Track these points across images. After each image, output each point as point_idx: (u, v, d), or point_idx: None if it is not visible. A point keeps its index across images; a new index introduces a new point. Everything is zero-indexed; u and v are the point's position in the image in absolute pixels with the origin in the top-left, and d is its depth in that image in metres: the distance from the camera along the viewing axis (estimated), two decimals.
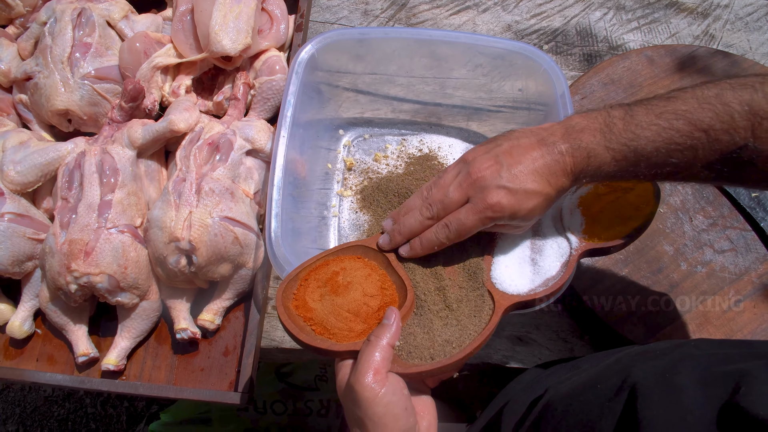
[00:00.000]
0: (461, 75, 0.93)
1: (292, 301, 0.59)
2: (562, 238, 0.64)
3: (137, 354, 0.81)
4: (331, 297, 0.59)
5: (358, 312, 0.58)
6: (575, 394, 0.54)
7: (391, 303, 0.60)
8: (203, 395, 0.74)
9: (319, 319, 0.58)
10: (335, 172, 0.95)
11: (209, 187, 0.76)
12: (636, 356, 0.55)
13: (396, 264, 0.63)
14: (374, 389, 0.50)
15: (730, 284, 0.85)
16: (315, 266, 0.62)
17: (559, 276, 0.61)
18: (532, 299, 0.60)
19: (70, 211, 0.77)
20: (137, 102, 0.86)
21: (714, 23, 1.12)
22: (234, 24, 0.86)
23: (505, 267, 0.63)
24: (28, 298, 0.80)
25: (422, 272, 0.63)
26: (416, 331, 0.58)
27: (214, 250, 0.74)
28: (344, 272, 0.61)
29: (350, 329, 0.57)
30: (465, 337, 0.58)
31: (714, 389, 0.43)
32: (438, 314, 0.60)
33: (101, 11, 0.90)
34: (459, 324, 0.59)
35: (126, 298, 0.76)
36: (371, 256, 0.64)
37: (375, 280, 0.61)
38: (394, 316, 0.55)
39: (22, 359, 0.81)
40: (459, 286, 0.62)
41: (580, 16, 1.12)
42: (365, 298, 0.59)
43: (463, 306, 0.61)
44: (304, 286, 0.60)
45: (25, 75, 0.88)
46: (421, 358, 0.56)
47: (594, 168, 0.56)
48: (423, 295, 0.61)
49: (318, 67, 0.87)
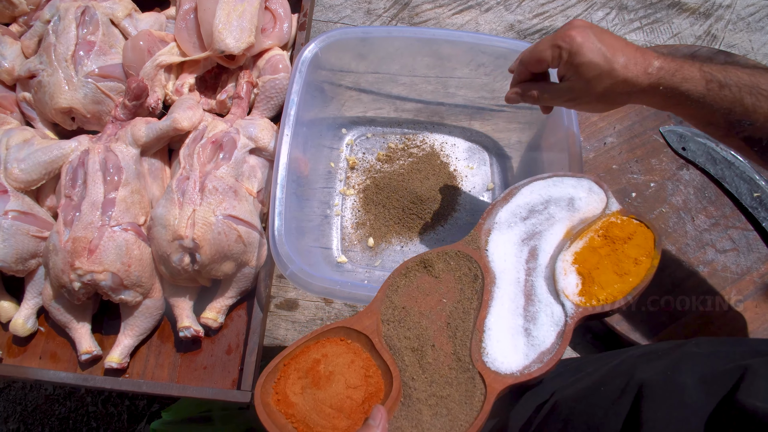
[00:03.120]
0: (464, 74, 0.93)
1: (272, 395, 0.56)
2: (557, 303, 0.59)
3: (140, 352, 0.81)
4: (312, 390, 0.56)
5: (341, 407, 0.55)
6: (580, 397, 0.54)
7: (377, 393, 0.57)
8: (206, 393, 0.74)
9: (300, 416, 0.55)
10: (338, 171, 0.96)
11: (213, 185, 0.76)
12: (639, 357, 0.55)
13: (380, 347, 0.59)
14: None
15: (732, 284, 0.85)
16: (295, 354, 0.59)
17: (554, 350, 0.57)
18: (526, 380, 0.56)
19: (74, 209, 0.77)
20: (141, 100, 0.86)
21: (716, 23, 1.12)
22: (237, 23, 0.86)
23: (497, 342, 0.59)
24: (31, 295, 0.80)
25: (409, 354, 0.59)
26: (404, 425, 0.55)
27: (217, 248, 0.75)
28: (326, 359, 0.58)
29: (334, 426, 0.54)
30: (456, 428, 0.54)
31: (715, 387, 0.43)
32: (426, 402, 0.56)
33: (105, 9, 0.90)
34: (450, 414, 0.55)
35: (129, 296, 0.76)
36: (354, 338, 0.60)
37: (358, 367, 0.57)
38: (380, 416, 0.52)
39: (25, 357, 0.81)
40: (449, 367, 0.58)
41: (582, 15, 1.12)
42: (348, 390, 0.56)
43: (454, 391, 0.57)
44: (284, 377, 0.57)
45: (29, 73, 0.88)
46: None
47: (680, 78, 0.59)
48: (410, 381, 0.57)
49: (321, 66, 0.87)
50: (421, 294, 0.63)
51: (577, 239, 0.63)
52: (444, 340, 0.60)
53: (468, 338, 0.59)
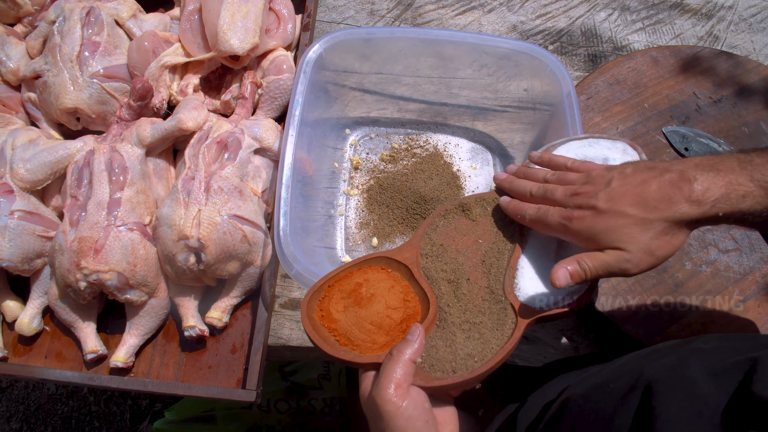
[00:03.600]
0: (467, 75, 0.93)
1: (317, 311, 0.60)
2: None
3: (145, 351, 0.82)
4: (354, 309, 0.59)
5: (381, 324, 0.58)
6: (588, 394, 0.55)
7: (414, 315, 0.60)
8: (211, 392, 0.74)
9: (343, 331, 0.58)
10: (342, 171, 0.96)
11: (218, 185, 0.77)
12: (646, 356, 0.56)
13: (419, 276, 0.63)
14: (396, 403, 0.50)
15: (735, 284, 0.86)
16: (339, 277, 0.63)
17: (582, 289, 0.60)
18: (555, 313, 0.59)
19: (80, 209, 0.77)
20: (146, 101, 0.86)
21: (718, 24, 1.12)
22: (242, 23, 0.86)
23: (529, 279, 0.61)
24: (37, 295, 0.81)
25: (446, 284, 0.63)
26: (439, 345, 0.58)
27: (222, 248, 0.75)
28: (368, 283, 0.61)
29: (373, 341, 0.58)
30: (487, 351, 0.57)
31: (725, 379, 0.44)
32: (460, 327, 0.60)
33: (110, 10, 0.90)
34: (481, 338, 0.59)
35: (135, 295, 0.76)
36: (394, 268, 0.64)
37: (398, 292, 0.61)
38: (418, 332, 0.55)
39: (31, 356, 0.81)
40: (482, 299, 0.62)
41: (585, 16, 1.12)
42: (388, 310, 0.59)
43: (486, 319, 0.60)
44: (328, 297, 0.61)
45: (34, 73, 0.89)
46: (443, 372, 0.56)
47: (736, 200, 0.50)
48: (446, 308, 0.61)
49: (325, 67, 0.88)
50: (458, 234, 0.67)
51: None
52: (478, 275, 0.63)
53: (501, 274, 0.63)
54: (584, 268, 0.55)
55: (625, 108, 0.98)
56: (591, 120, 0.99)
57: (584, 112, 0.97)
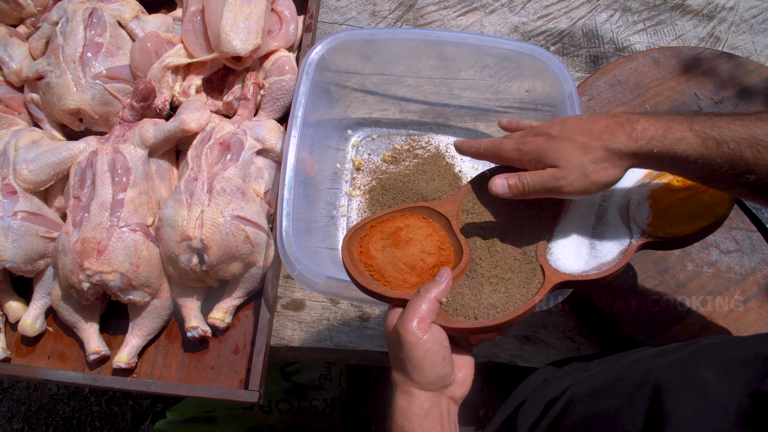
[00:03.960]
0: (469, 76, 0.94)
1: (357, 247, 0.64)
2: (624, 227, 0.64)
3: (148, 352, 0.82)
4: (391, 249, 0.63)
5: (414, 266, 0.62)
6: (594, 392, 0.55)
7: (446, 263, 0.63)
8: (214, 393, 0.74)
9: (378, 267, 0.62)
10: (344, 172, 0.96)
11: (221, 186, 0.77)
12: (654, 356, 0.56)
13: (457, 228, 0.66)
14: (417, 335, 0.53)
15: (736, 284, 0.86)
16: (382, 219, 0.66)
17: (614, 263, 0.62)
18: (582, 280, 0.61)
19: (83, 210, 0.77)
20: (148, 102, 0.87)
21: (719, 25, 1.13)
22: (244, 24, 0.86)
23: (562, 246, 0.64)
24: (39, 296, 0.81)
25: (481, 240, 0.66)
26: (465, 292, 0.61)
27: (225, 249, 0.75)
28: (408, 229, 0.65)
29: (405, 280, 0.61)
30: (510, 305, 0.60)
31: (736, 376, 0.44)
32: (489, 280, 0.62)
33: (112, 11, 0.91)
34: (507, 292, 0.61)
35: (138, 296, 0.77)
36: (435, 219, 0.67)
37: (434, 240, 0.64)
38: (447, 275, 0.58)
39: (34, 357, 0.81)
40: (514, 258, 0.65)
41: (586, 17, 1.12)
42: (423, 254, 0.62)
43: (515, 276, 0.63)
44: (369, 235, 0.65)
45: (37, 74, 0.89)
46: (465, 317, 0.59)
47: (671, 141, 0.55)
48: (478, 260, 0.64)
49: (327, 68, 0.88)
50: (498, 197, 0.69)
51: (657, 179, 0.66)
52: (514, 237, 0.66)
53: (536, 239, 0.66)
54: (523, 182, 0.60)
55: (626, 109, 0.98)
56: None
57: (586, 113, 0.97)
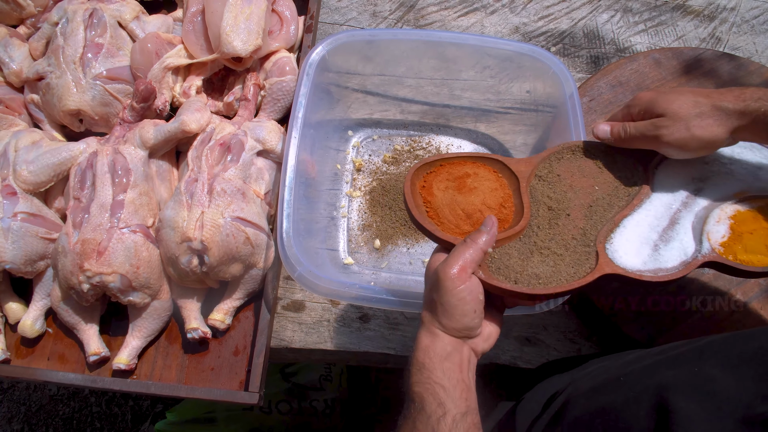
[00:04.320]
0: (469, 76, 0.93)
1: (420, 181, 0.64)
2: (695, 240, 0.62)
3: (148, 353, 0.82)
4: (453, 192, 0.63)
5: (471, 215, 0.62)
6: (597, 387, 0.55)
7: (504, 221, 0.63)
8: (214, 394, 0.74)
9: (435, 206, 0.63)
10: (344, 173, 0.96)
11: (221, 187, 0.77)
12: (659, 353, 0.56)
13: (524, 190, 0.65)
14: (455, 282, 0.54)
15: (737, 285, 0.86)
16: (452, 161, 0.66)
17: (671, 271, 0.60)
18: (633, 278, 0.59)
19: (83, 211, 0.77)
20: (149, 102, 0.86)
21: (720, 26, 1.12)
22: (245, 25, 0.86)
23: (625, 240, 0.63)
24: (39, 297, 0.81)
25: (545, 209, 0.65)
26: (513, 254, 0.61)
27: (225, 250, 0.75)
28: (475, 177, 0.65)
29: (458, 226, 0.62)
30: (554, 280, 0.59)
31: (744, 371, 0.44)
32: (540, 250, 0.62)
33: (112, 12, 0.90)
34: (555, 267, 0.61)
35: (138, 297, 0.76)
36: (506, 176, 0.67)
37: (498, 196, 0.64)
38: (492, 223, 0.58)
39: (34, 358, 0.81)
40: (573, 237, 0.64)
41: (587, 18, 1.12)
42: (483, 206, 0.63)
43: (567, 255, 0.62)
44: (436, 173, 0.65)
45: (37, 75, 0.89)
46: (506, 278, 0.59)
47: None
48: (536, 228, 0.64)
49: (328, 69, 0.88)
50: (579, 173, 0.69)
51: (746, 202, 0.65)
52: (579, 216, 0.65)
53: (602, 224, 0.64)
54: (625, 129, 0.64)
55: None
56: (593, 122, 0.99)
57: (587, 114, 0.97)
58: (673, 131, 0.60)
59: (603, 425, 0.52)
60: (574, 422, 0.55)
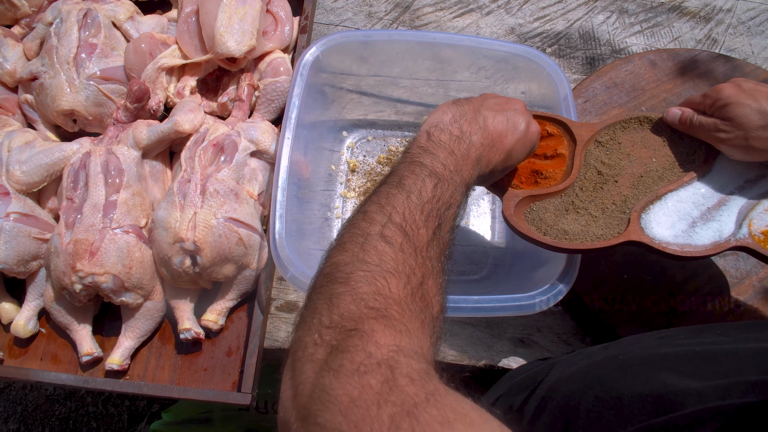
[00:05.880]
0: (464, 77, 0.93)
1: None
2: (735, 222, 0.63)
3: (141, 354, 0.81)
4: None
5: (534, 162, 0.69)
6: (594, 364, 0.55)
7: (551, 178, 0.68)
8: (207, 395, 0.74)
9: None
10: (338, 174, 0.96)
11: (214, 188, 0.76)
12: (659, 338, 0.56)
13: (579, 153, 0.69)
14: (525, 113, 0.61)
15: (732, 287, 0.86)
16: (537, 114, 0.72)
17: (700, 249, 0.61)
18: (658, 249, 0.61)
19: (76, 211, 0.77)
20: (142, 103, 0.86)
21: (716, 27, 1.12)
22: (239, 26, 0.86)
23: (663, 213, 0.64)
24: (32, 297, 0.81)
25: (594, 174, 0.69)
26: (549, 209, 0.65)
27: (218, 251, 0.75)
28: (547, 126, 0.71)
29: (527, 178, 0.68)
30: (579, 238, 0.63)
31: (744, 362, 0.44)
32: (577, 210, 0.65)
33: (107, 12, 0.90)
34: (586, 226, 0.64)
35: (130, 298, 0.76)
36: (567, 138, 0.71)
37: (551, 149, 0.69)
38: None
39: (26, 358, 0.81)
40: (612, 202, 0.66)
41: (583, 19, 1.12)
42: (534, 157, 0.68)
43: (601, 217, 0.65)
44: None
45: (31, 75, 0.89)
46: (536, 227, 0.64)
47: None
48: (579, 190, 0.67)
49: (322, 69, 0.88)
50: (641, 143, 0.71)
51: None
52: (627, 184, 0.68)
53: (645, 194, 0.66)
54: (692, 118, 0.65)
55: (622, 111, 0.98)
56: None
57: (581, 116, 0.97)
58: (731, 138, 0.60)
59: (595, 394, 0.51)
60: (565, 399, 0.54)
